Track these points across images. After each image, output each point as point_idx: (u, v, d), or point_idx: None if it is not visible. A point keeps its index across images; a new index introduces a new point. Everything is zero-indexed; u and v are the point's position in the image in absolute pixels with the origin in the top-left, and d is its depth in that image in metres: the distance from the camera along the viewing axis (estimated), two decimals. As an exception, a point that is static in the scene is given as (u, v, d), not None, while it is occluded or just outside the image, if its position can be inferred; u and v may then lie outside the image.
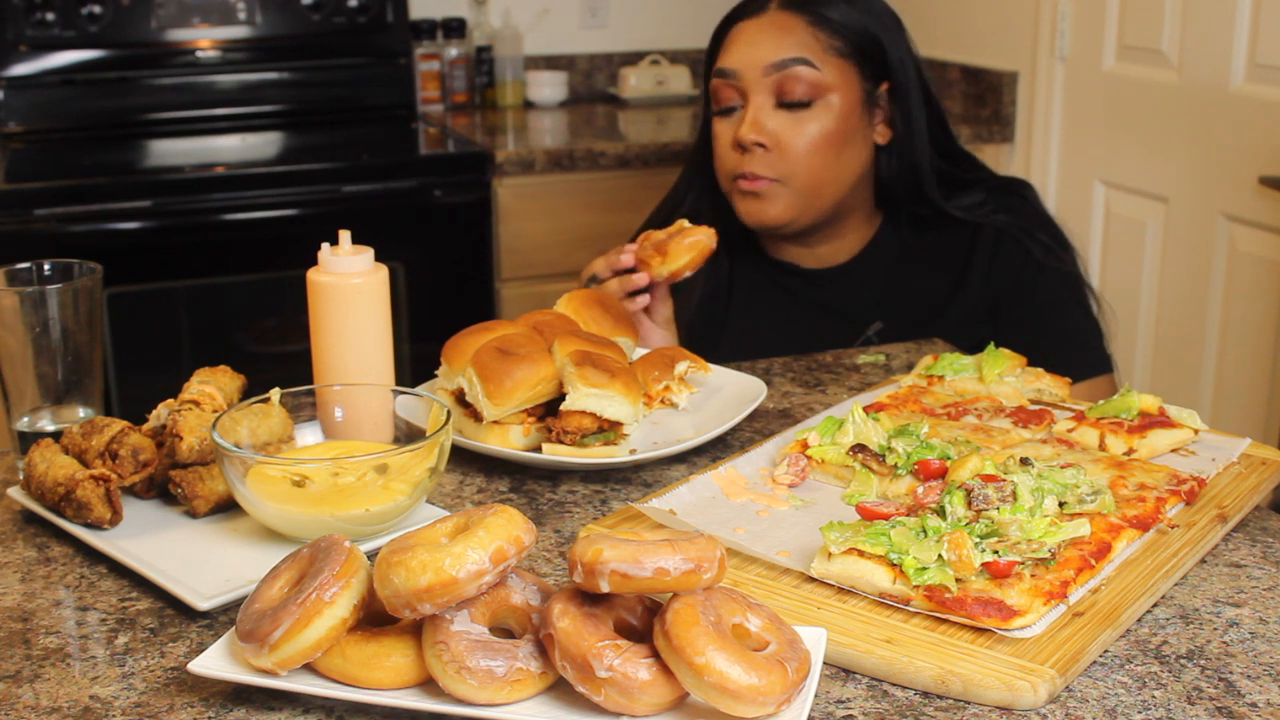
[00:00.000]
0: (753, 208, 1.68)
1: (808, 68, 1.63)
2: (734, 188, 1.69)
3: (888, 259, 1.75)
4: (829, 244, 1.76)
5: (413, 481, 1.07)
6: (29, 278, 1.21)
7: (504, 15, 3.62)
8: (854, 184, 1.71)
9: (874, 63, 1.67)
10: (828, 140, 1.65)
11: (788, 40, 1.64)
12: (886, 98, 1.70)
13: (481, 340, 1.28)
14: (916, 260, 1.75)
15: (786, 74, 1.63)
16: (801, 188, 1.66)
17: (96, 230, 2.72)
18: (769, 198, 1.67)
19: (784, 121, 1.64)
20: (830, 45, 1.64)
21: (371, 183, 2.92)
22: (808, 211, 1.69)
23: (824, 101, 1.64)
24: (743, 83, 1.65)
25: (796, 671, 0.81)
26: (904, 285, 1.74)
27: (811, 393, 1.47)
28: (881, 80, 1.69)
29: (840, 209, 1.71)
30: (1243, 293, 2.55)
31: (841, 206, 1.71)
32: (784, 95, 1.63)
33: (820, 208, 1.69)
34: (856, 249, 1.77)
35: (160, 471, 1.13)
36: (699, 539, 0.83)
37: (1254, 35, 2.47)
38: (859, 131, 1.68)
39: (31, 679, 0.91)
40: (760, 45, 1.65)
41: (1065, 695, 0.88)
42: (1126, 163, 2.81)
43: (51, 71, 3.15)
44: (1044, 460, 1.13)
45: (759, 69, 1.64)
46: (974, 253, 1.71)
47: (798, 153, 1.64)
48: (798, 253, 1.77)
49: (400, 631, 0.86)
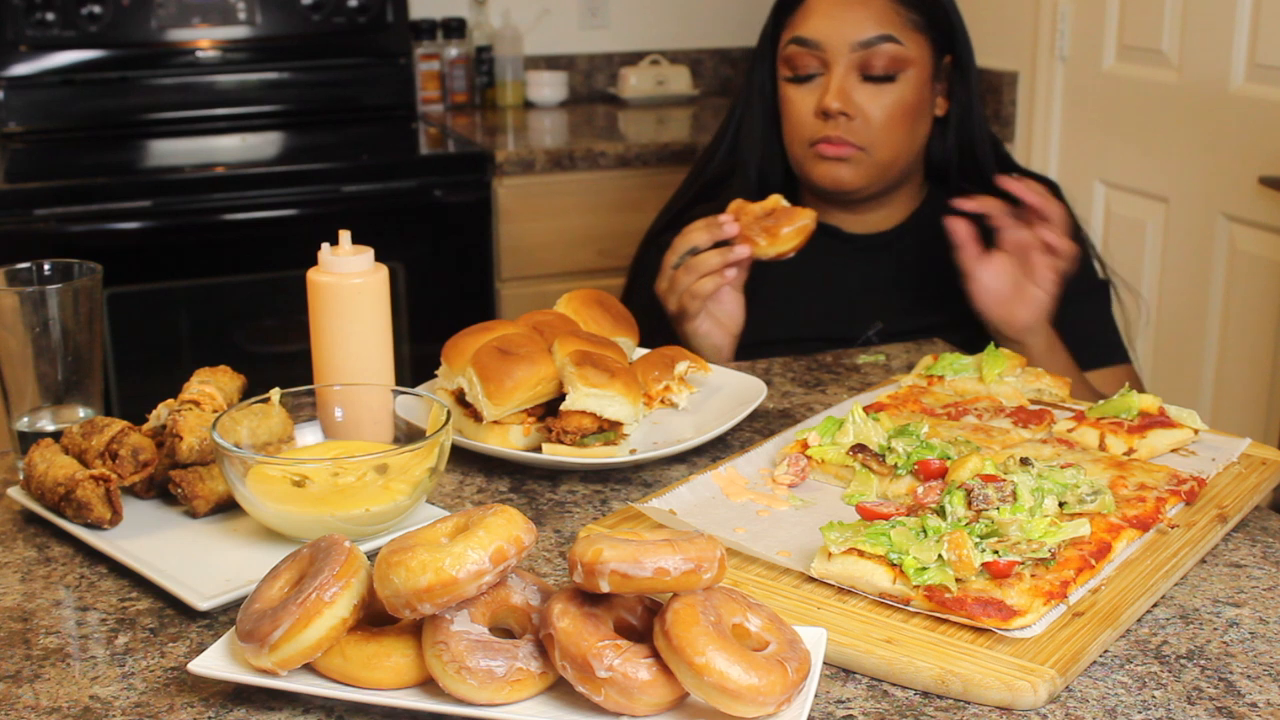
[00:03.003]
0: (832, 170, 1.71)
1: (893, 44, 1.66)
2: (810, 152, 1.71)
3: (929, 230, 1.77)
4: (878, 211, 1.79)
5: (413, 481, 1.07)
6: (29, 278, 1.21)
7: (504, 15, 3.62)
8: (918, 155, 1.75)
9: (943, 35, 1.72)
10: (906, 112, 1.69)
11: (871, 15, 1.67)
12: (948, 71, 1.74)
13: (481, 340, 1.28)
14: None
15: (874, 51, 1.66)
16: (881, 158, 1.70)
17: (96, 230, 2.71)
18: (850, 162, 1.70)
19: (867, 93, 1.67)
20: (910, 19, 1.68)
21: (371, 183, 2.92)
22: (879, 180, 1.72)
23: (905, 75, 1.68)
24: (826, 54, 1.68)
25: (796, 671, 0.81)
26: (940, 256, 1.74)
27: (811, 393, 1.47)
28: (945, 53, 1.73)
29: (900, 178, 1.75)
30: (1243, 293, 2.55)
31: (902, 177, 1.75)
32: (868, 69, 1.66)
33: (890, 177, 1.73)
34: (901, 218, 1.80)
35: (160, 471, 1.13)
36: (699, 539, 0.83)
37: (1254, 35, 2.47)
38: (929, 103, 1.73)
39: (31, 679, 0.91)
40: (845, 20, 1.67)
41: (1065, 695, 0.88)
42: (1126, 163, 2.81)
43: (51, 71, 3.15)
44: (1044, 460, 1.14)
45: (846, 44, 1.67)
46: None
47: (879, 124, 1.68)
48: (843, 217, 1.79)
49: (400, 631, 0.86)
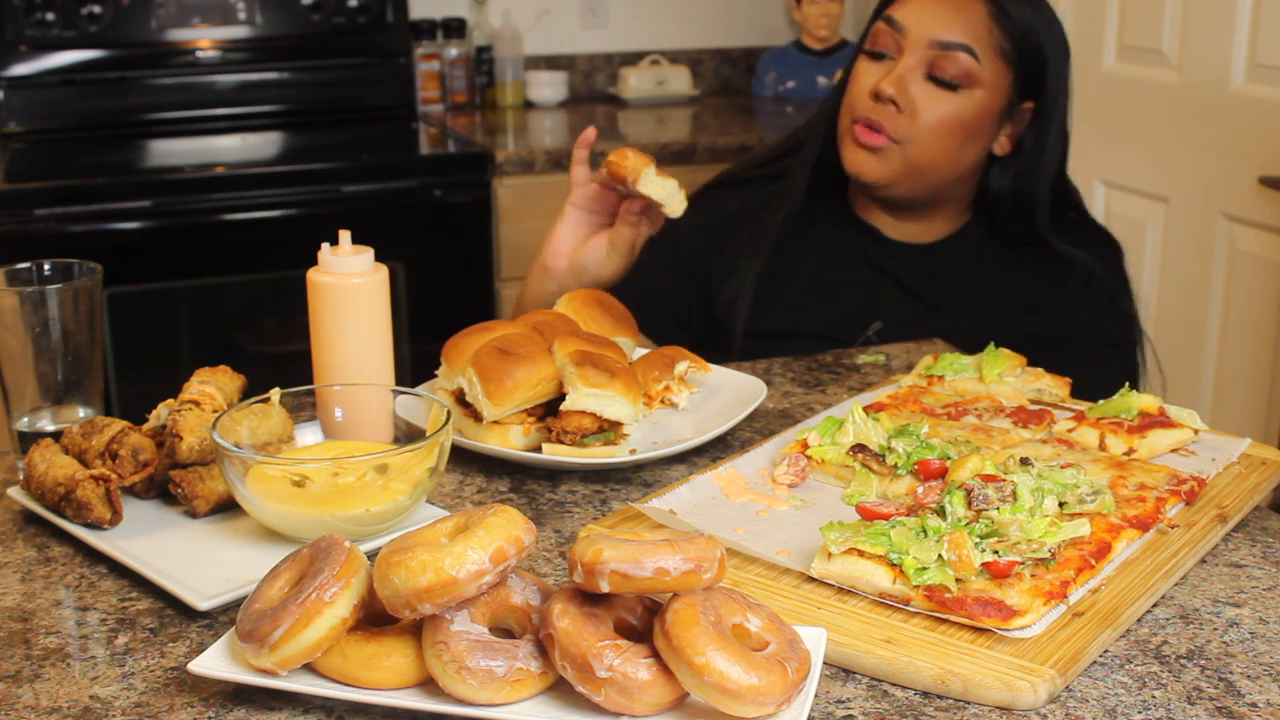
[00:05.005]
0: (859, 157, 1.68)
1: (969, 56, 1.63)
2: (851, 130, 1.69)
3: (966, 255, 1.76)
4: (915, 223, 1.76)
5: (413, 481, 1.07)
6: (29, 278, 1.21)
7: (504, 15, 3.62)
8: (959, 178, 1.71)
9: (1031, 78, 1.67)
10: (956, 126, 1.65)
11: (963, 22, 1.63)
12: (1026, 117, 1.69)
13: (481, 340, 1.28)
14: (993, 266, 1.74)
15: (948, 55, 1.63)
16: (914, 158, 1.66)
17: (96, 230, 2.72)
18: (880, 155, 1.67)
19: (925, 92, 1.64)
20: (999, 44, 1.64)
21: (371, 183, 2.92)
22: (906, 184, 1.69)
23: (970, 91, 1.64)
24: (904, 40, 1.65)
25: (796, 671, 0.81)
26: (978, 286, 1.74)
27: (811, 393, 1.47)
28: (1028, 98, 1.68)
29: (935, 196, 1.72)
30: (1243, 293, 2.55)
31: (938, 194, 1.72)
32: (936, 70, 1.63)
33: (919, 185, 1.69)
34: (939, 236, 1.77)
35: (160, 471, 1.13)
36: (699, 539, 0.83)
37: (1254, 35, 2.47)
38: (987, 133, 1.68)
39: (31, 679, 0.91)
40: (937, 16, 1.64)
41: (1065, 695, 0.88)
42: (1126, 163, 2.81)
43: (51, 71, 3.15)
44: (1044, 460, 1.13)
45: (925, 38, 1.63)
46: (1059, 284, 1.71)
47: (925, 124, 1.64)
48: (883, 219, 1.77)
49: (400, 631, 0.86)
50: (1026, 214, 1.71)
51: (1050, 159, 1.70)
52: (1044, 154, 1.69)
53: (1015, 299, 1.72)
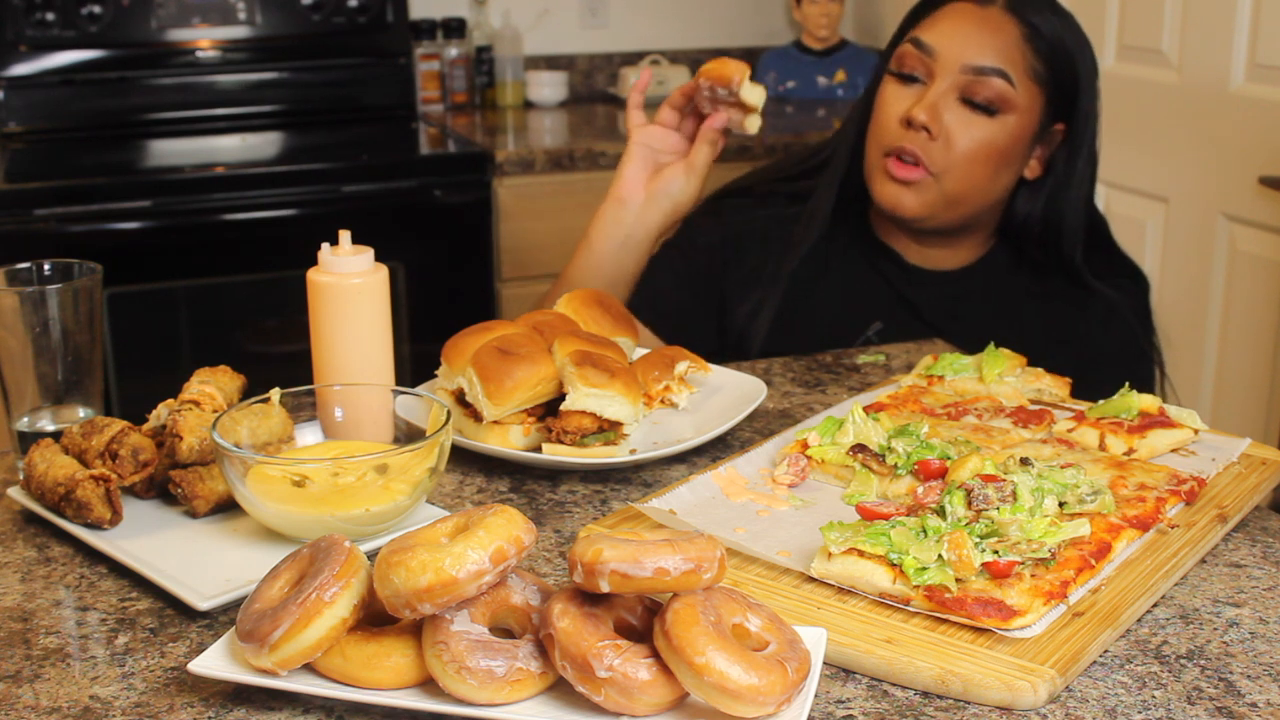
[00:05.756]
0: (893, 192, 1.63)
1: (1004, 81, 1.58)
2: (883, 164, 1.64)
3: (989, 283, 1.72)
4: (940, 250, 1.72)
5: (413, 481, 1.07)
6: (29, 278, 1.21)
7: (504, 15, 3.62)
8: (993, 204, 1.67)
9: (1063, 101, 1.63)
10: (992, 153, 1.60)
11: (996, 44, 1.59)
12: (1057, 139, 1.66)
13: (481, 340, 1.28)
14: (1018, 296, 1.71)
15: (982, 80, 1.58)
16: (950, 190, 1.62)
17: (96, 230, 2.72)
18: (915, 189, 1.62)
19: (959, 117, 1.59)
20: (1033, 67, 1.60)
21: (371, 183, 2.92)
22: (942, 215, 1.64)
23: (1005, 116, 1.59)
24: (935, 64, 1.60)
25: (796, 671, 0.81)
26: (999, 313, 1.71)
27: (811, 393, 1.47)
28: (1059, 119, 1.64)
29: (968, 222, 1.68)
30: (1243, 293, 2.55)
31: (970, 220, 1.68)
32: (970, 94, 1.59)
33: (955, 216, 1.65)
34: (963, 263, 1.73)
35: (160, 471, 1.13)
36: (699, 539, 0.83)
37: (1254, 35, 2.47)
38: (1021, 158, 1.64)
39: (31, 679, 0.91)
40: (969, 38, 1.60)
41: (1065, 695, 0.88)
42: (1126, 163, 2.81)
43: (51, 71, 3.15)
44: (1044, 460, 1.13)
45: (957, 62, 1.59)
46: (1081, 315, 1.68)
47: (960, 152, 1.59)
48: (906, 244, 1.73)
49: (400, 631, 0.86)
50: (1054, 239, 1.67)
51: (1079, 181, 1.66)
52: (1074, 176, 1.65)
53: (1037, 328, 1.68)
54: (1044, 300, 1.70)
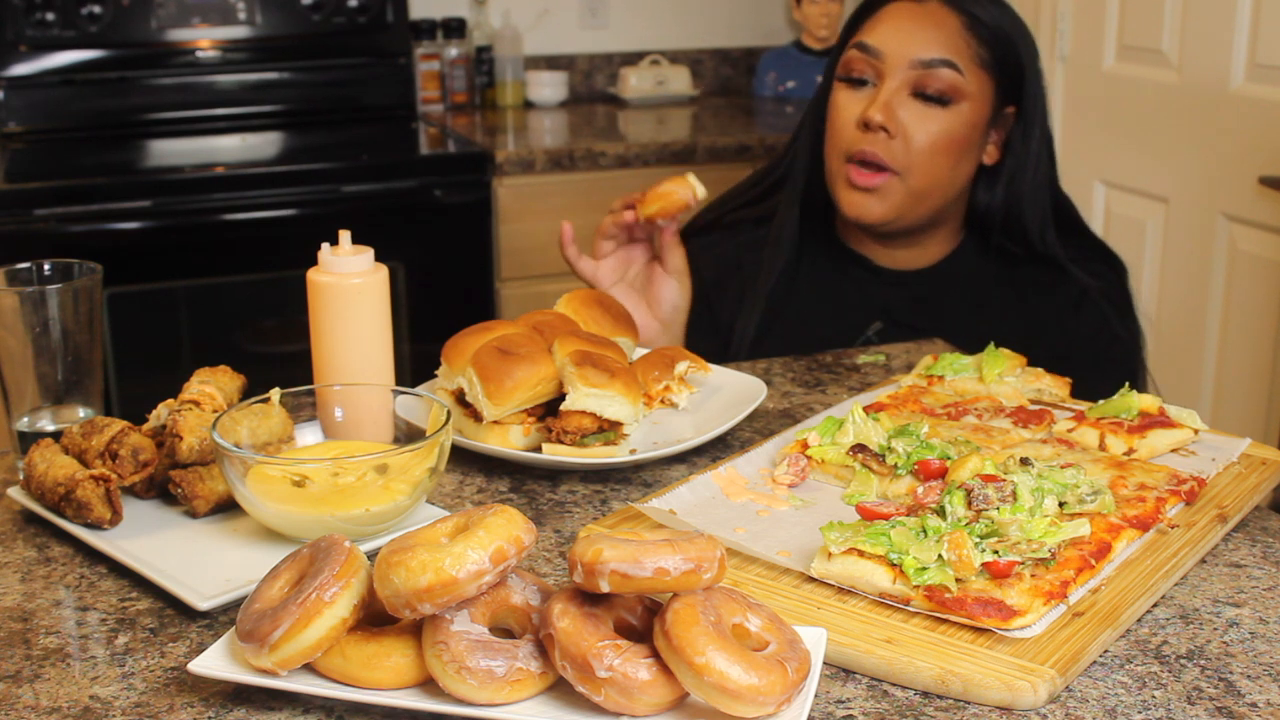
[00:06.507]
0: (858, 200, 1.64)
1: (953, 71, 1.60)
2: (845, 171, 1.65)
3: (962, 277, 1.73)
4: (909, 249, 1.73)
5: (413, 481, 1.07)
6: (29, 278, 1.21)
7: (504, 15, 3.62)
8: (956, 196, 1.68)
9: (1011, 83, 1.65)
10: (951, 143, 1.62)
11: (939, 37, 1.61)
12: (1010, 121, 1.67)
13: (481, 340, 1.28)
14: (990, 286, 1.72)
15: (931, 73, 1.60)
16: (915, 185, 1.63)
17: (96, 230, 2.72)
18: (879, 194, 1.63)
19: (914, 112, 1.61)
20: (978, 53, 1.62)
21: (371, 183, 2.92)
22: (910, 214, 1.65)
23: (958, 105, 1.61)
24: (883, 64, 1.62)
25: (796, 671, 0.81)
26: (971, 307, 1.71)
27: (811, 393, 1.47)
28: (1010, 103, 1.66)
29: (934, 218, 1.69)
30: (1243, 293, 2.55)
31: (936, 215, 1.69)
32: (921, 88, 1.61)
33: (922, 211, 1.66)
34: (933, 259, 1.74)
35: (160, 471, 1.13)
36: (699, 539, 0.83)
37: (1254, 35, 2.47)
38: (977, 145, 1.66)
39: (31, 679, 0.91)
40: (911, 35, 1.62)
41: (1065, 695, 0.88)
42: (1126, 163, 2.81)
43: (51, 71, 3.15)
44: (1044, 460, 1.13)
45: (905, 59, 1.61)
46: (1052, 300, 1.69)
47: (920, 147, 1.61)
48: (873, 248, 1.74)
49: (400, 631, 0.86)
50: (1018, 222, 1.68)
51: (1037, 161, 1.68)
52: (1030, 155, 1.67)
53: (1009, 319, 1.69)
54: (1015, 290, 1.71)
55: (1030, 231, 1.69)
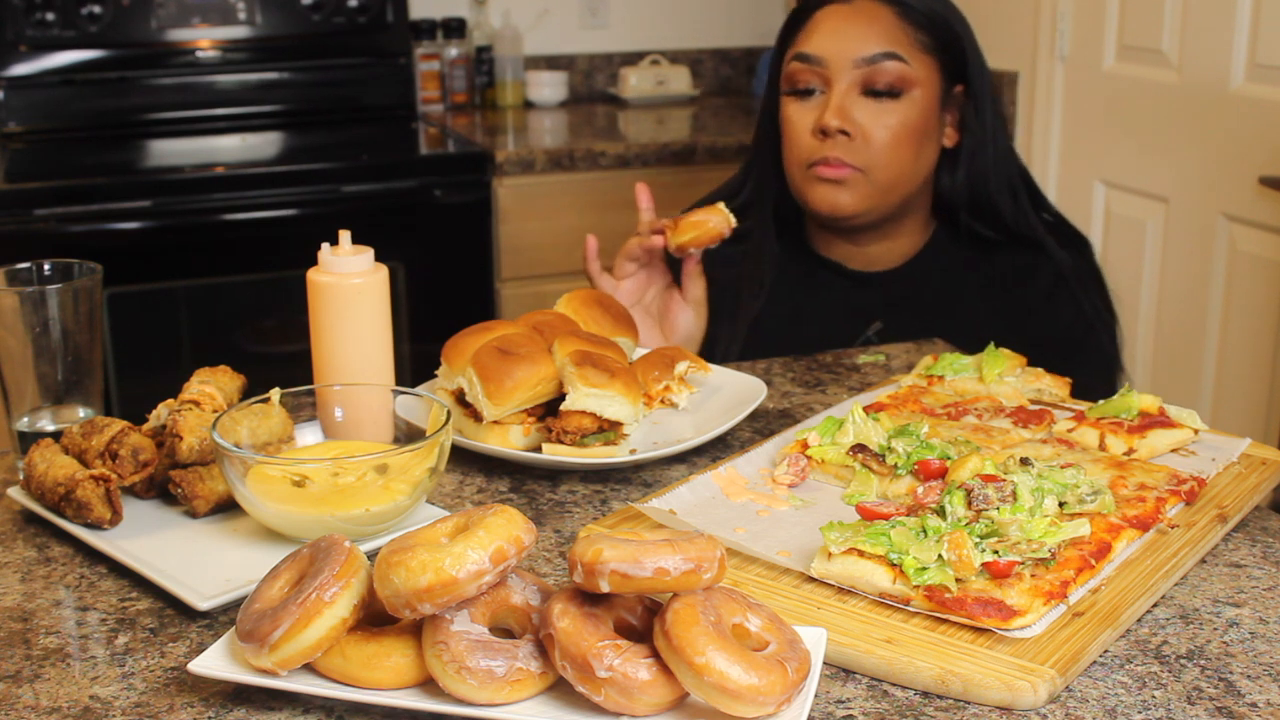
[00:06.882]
0: (828, 194, 1.65)
1: (898, 62, 1.62)
2: (809, 174, 1.66)
3: (936, 271, 1.73)
4: (880, 244, 1.73)
5: (413, 481, 1.07)
6: (29, 278, 1.21)
7: (504, 15, 3.62)
8: (922, 184, 1.70)
9: (954, 62, 1.67)
10: (910, 133, 1.64)
11: (877, 31, 1.63)
12: (960, 100, 1.69)
13: (481, 340, 1.28)
14: (965, 277, 1.72)
15: (877, 68, 1.62)
16: (881, 180, 1.64)
17: (96, 230, 2.72)
18: (848, 185, 1.64)
19: (869, 110, 1.63)
20: (918, 39, 1.64)
21: (371, 183, 2.92)
22: (879, 206, 1.67)
23: (909, 95, 1.63)
24: (828, 70, 1.63)
25: (796, 671, 0.81)
26: (947, 301, 1.72)
27: (811, 393, 1.47)
28: (957, 81, 1.68)
29: (904, 206, 1.70)
30: (1243, 293, 2.55)
31: (905, 205, 1.70)
32: (871, 85, 1.62)
33: (891, 203, 1.67)
34: (907, 254, 1.75)
35: (160, 471, 1.13)
36: (699, 539, 0.83)
37: (1254, 35, 2.47)
38: (935, 130, 1.68)
39: (31, 679, 0.91)
40: (849, 35, 1.63)
41: (1065, 695, 0.88)
42: (1126, 163, 2.81)
43: (51, 71, 3.15)
44: (1044, 460, 1.13)
45: (848, 60, 1.62)
46: (1027, 287, 1.69)
47: (880, 143, 1.62)
48: (846, 251, 1.75)
49: (400, 631, 0.86)
50: (987, 202, 1.70)
51: (992, 133, 1.69)
52: (986, 129, 1.69)
53: (985, 309, 1.70)
54: (990, 278, 1.71)
55: (1001, 207, 1.70)
